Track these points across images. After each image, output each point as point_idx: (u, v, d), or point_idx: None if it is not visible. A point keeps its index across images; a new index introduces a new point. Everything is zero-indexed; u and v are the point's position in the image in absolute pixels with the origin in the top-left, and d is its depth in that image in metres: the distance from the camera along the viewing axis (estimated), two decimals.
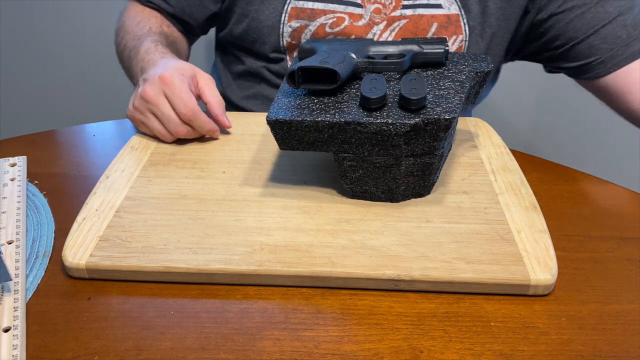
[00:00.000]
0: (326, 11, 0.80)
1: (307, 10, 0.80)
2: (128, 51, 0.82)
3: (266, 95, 0.88)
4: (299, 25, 0.81)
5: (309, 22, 0.81)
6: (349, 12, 0.80)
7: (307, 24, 0.81)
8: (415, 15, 0.80)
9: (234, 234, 0.53)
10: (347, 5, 0.80)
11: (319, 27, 0.81)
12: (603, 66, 0.79)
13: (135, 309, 0.48)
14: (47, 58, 1.46)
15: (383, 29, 0.80)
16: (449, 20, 0.80)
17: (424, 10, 0.80)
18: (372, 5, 0.80)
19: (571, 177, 0.66)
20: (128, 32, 0.84)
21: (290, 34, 0.81)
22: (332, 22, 0.80)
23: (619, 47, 0.77)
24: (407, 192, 0.58)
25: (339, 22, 0.80)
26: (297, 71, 0.55)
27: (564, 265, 0.52)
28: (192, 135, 0.67)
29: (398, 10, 0.80)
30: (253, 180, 0.61)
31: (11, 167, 0.64)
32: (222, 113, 0.69)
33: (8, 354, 0.42)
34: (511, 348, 0.44)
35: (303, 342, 0.45)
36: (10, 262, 0.51)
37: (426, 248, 0.51)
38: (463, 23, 0.81)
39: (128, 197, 0.58)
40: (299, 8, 0.80)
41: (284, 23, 0.81)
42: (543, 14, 0.81)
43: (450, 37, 0.81)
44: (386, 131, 0.52)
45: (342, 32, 0.81)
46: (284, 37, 0.82)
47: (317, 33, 0.81)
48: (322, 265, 0.49)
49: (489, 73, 0.62)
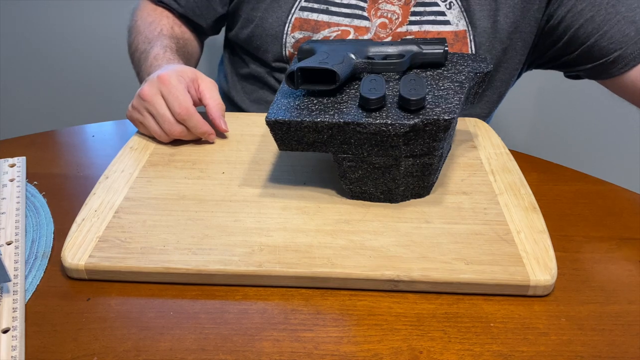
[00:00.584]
0: (330, 24, 0.79)
1: (311, 21, 0.79)
2: (139, 54, 0.82)
3: (269, 101, 0.88)
4: (302, 37, 0.80)
5: (313, 33, 0.80)
6: (355, 26, 0.79)
7: (311, 36, 0.80)
8: (421, 32, 0.78)
9: (233, 235, 0.53)
10: (352, 18, 0.79)
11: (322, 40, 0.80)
12: (615, 66, 0.78)
13: (135, 309, 0.47)
14: (47, 58, 1.46)
15: None
16: (456, 37, 0.79)
17: (430, 27, 0.78)
18: (378, 20, 0.78)
19: (571, 178, 0.66)
20: (140, 32, 0.84)
21: (293, 44, 0.81)
22: (337, 35, 0.79)
23: (628, 45, 0.76)
24: (407, 192, 0.58)
25: (344, 35, 0.79)
26: (296, 72, 0.55)
27: (563, 265, 0.52)
28: (187, 136, 0.67)
29: (404, 26, 0.79)
30: (252, 180, 0.61)
31: (10, 168, 0.64)
32: (219, 116, 0.68)
33: (7, 354, 0.42)
34: (511, 349, 0.44)
35: (302, 342, 0.45)
36: (9, 262, 0.51)
37: (426, 249, 0.51)
38: (469, 40, 0.79)
39: (127, 198, 0.58)
40: (303, 19, 0.79)
41: (287, 33, 0.80)
42: (554, 20, 0.79)
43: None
44: (385, 132, 0.52)
45: None
46: (286, 47, 0.81)
47: None
48: (322, 265, 0.49)
49: (489, 73, 0.62)
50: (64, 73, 1.48)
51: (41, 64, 1.48)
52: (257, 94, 0.89)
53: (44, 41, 1.44)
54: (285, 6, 0.80)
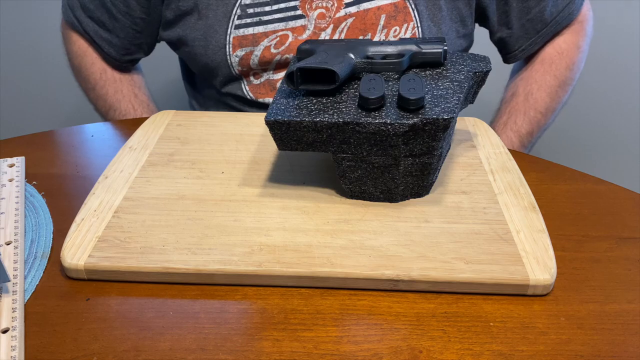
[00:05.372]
0: (267, 33, 0.80)
1: (248, 36, 0.80)
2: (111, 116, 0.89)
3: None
4: (245, 53, 0.81)
5: (254, 47, 0.80)
6: (291, 28, 0.79)
7: (252, 50, 0.81)
8: (360, 12, 0.79)
9: (232, 235, 0.53)
10: (287, 21, 0.79)
11: (264, 51, 0.80)
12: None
13: (134, 309, 0.47)
14: (47, 58, 1.46)
15: (331, 33, 0.80)
16: (396, 9, 0.79)
17: (367, 4, 0.79)
18: (315, 12, 0.79)
19: (570, 177, 0.66)
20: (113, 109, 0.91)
21: (239, 62, 0.82)
22: (276, 41, 0.80)
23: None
24: (406, 192, 0.58)
25: (283, 41, 0.80)
26: (295, 72, 0.55)
27: (563, 265, 0.52)
28: None
29: (342, 10, 0.79)
30: (252, 180, 0.61)
31: (9, 168, 0.64)
32: None
33: (7, 355, 0.42)
34: (510, 348, 0.44)
35: (302, 342, 0.45)
36: (8, 263, 0.51)
37: (425, 248, 0.51)
38: (411, 9, 0.80)
39: (127, 198, 0.58)
40: (240, 36, 0.80)
41: (229, 54, 0.81)
42: None
43: (402, 25, 0.80)
44: (385, 131, 0.52)
45: (288, 49, 0.80)
46: (233, 66, 0.82)
47: (264, 56, 0.81)
48: (321, 265, 0.49)
49: (488, 73, 0.62)
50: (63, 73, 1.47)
51: (41, 64, 1.48)
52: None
53: (44, 41, 1.44)
54: (221, 30, 0.81)
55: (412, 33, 0.80)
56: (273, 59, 0.81)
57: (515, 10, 0.87)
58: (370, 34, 0.80)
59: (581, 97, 1.40)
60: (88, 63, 0.92)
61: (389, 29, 0.80)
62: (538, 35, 0.88)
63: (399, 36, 0.81)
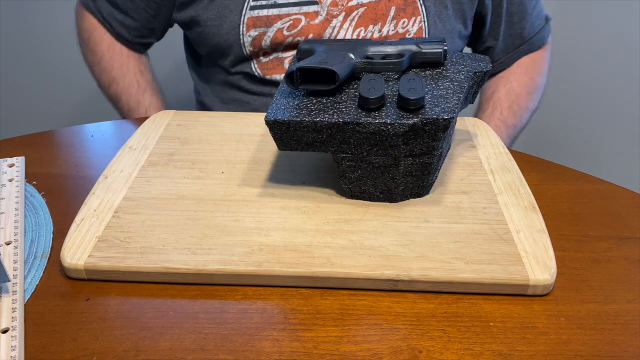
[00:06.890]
0: (281, 16, 0.82)
1: (262, 18, 0.82)
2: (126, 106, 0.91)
3: (237, 99, 0.90)
4: (258, 34, 0.83)
5: (267, 28, 0.82)
6: (304, 12, 0.82)
7: (265, 31, 0.82)
8: (372, 2, 0.81)
9: (232, 235, 0.53)
10: (301, 5, 0.82)
11: (277, 32, 0.82)
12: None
13: (134, 309, 0.47)
14: (47, 58, 1.46)
15: (342, 21, 0.82)
16: (405, 2, 0.82)
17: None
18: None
19: (570, 177, 0.66)
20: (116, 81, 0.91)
21: (251, 42, 0.83)
22: (289, 24, 0.82)
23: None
24: (406, 192, 0.58)
25: (296, 24, 0.82)
26: (295, 72, 0.55)
27: (562, 265, 0.52)
28: None
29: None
30: (252, 180, 0.61)
31: (9, 168, 0.64)
32: None
33: (6, 355, 0.42)
34: (510, 348, 0.44)
35: (302, 342, 0.45)
36: (8, 263, 0.51)
37: (425, 248, 0.51)
38: (419, 4, 0.83)
39: (126, 198, 0.58)
40: (255, 17, 0.82)
41: (243, 34, 0.83)
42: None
43: (410, 18, 0.82)
44: (385, 131, 0.52)
45: (300, 32, 0.82)
46: (245, 47, 0.84)
47: (277, 37, 0.83)
48: (321, 265, 0.49)
49: (488, 73, 0.62)
50: (63, 73, 1.48)
51: (41, 64, 1.48)
52: (226, 95, 0.91)
53: (44, 41, 1.44)
54: (236, 10, 0.83)
55: (419, 27, 0.83)
56: (285, 40, 0.83)
57: (504, 23, 0.92)
58: (380, 24, 0.83)
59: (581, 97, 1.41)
60: (97, 37, 0.93)
61: (397, 20, 0.83)
62: (515, 51, 0.96)
63: (407, 28, 0.83)
